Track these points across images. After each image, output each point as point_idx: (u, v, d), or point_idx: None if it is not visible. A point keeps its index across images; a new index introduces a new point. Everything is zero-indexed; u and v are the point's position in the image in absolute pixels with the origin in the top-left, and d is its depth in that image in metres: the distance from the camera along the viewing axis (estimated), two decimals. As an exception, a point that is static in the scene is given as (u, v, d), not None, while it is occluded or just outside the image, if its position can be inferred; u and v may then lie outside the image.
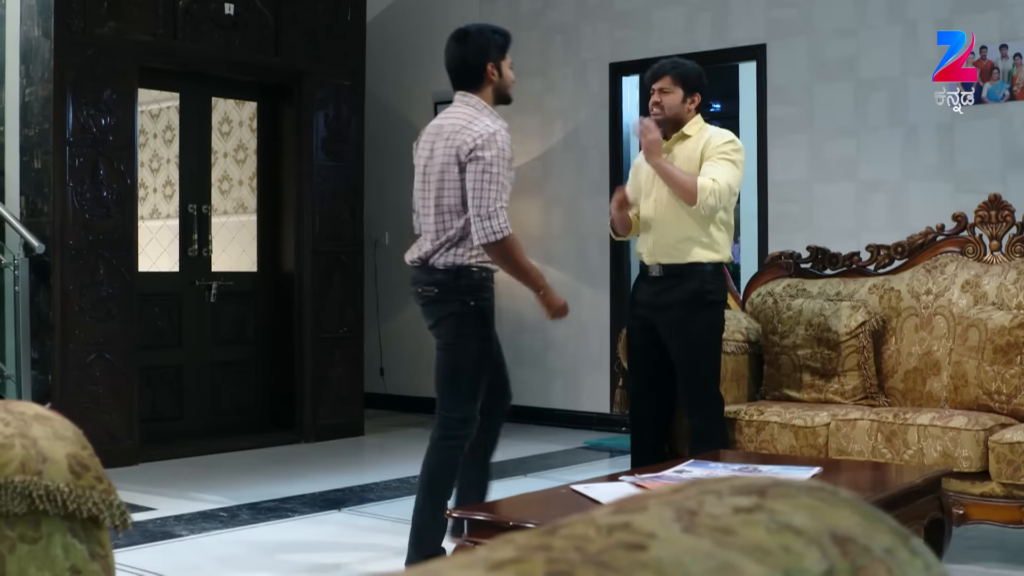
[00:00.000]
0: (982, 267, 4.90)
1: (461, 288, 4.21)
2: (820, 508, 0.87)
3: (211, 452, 7.26)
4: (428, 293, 4.26)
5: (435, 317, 4.29)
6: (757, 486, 0.89)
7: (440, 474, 4.30)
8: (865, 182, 7.05)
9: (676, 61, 4.88)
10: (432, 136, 4.32)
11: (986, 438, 4.20)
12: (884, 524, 0.89)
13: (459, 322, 4.23)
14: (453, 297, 4.22)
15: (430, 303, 4.28)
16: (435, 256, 4.22)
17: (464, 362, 4.28)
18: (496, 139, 4.13)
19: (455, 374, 4.29)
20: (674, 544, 0.77)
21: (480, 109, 4.27)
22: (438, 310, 4.26)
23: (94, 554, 1.64)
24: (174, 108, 7.72)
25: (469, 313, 4.23)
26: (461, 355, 4.27)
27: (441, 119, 4.34)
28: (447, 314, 4.24)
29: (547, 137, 8.55)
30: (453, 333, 4.25)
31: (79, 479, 1.64)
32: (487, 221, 4.05)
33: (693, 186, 4.53)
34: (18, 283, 6.55)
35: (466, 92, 4.33)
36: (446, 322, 4.25)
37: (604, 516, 0.82)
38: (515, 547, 0.76)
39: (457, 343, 4.26)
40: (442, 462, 4.30)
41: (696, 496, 0.87)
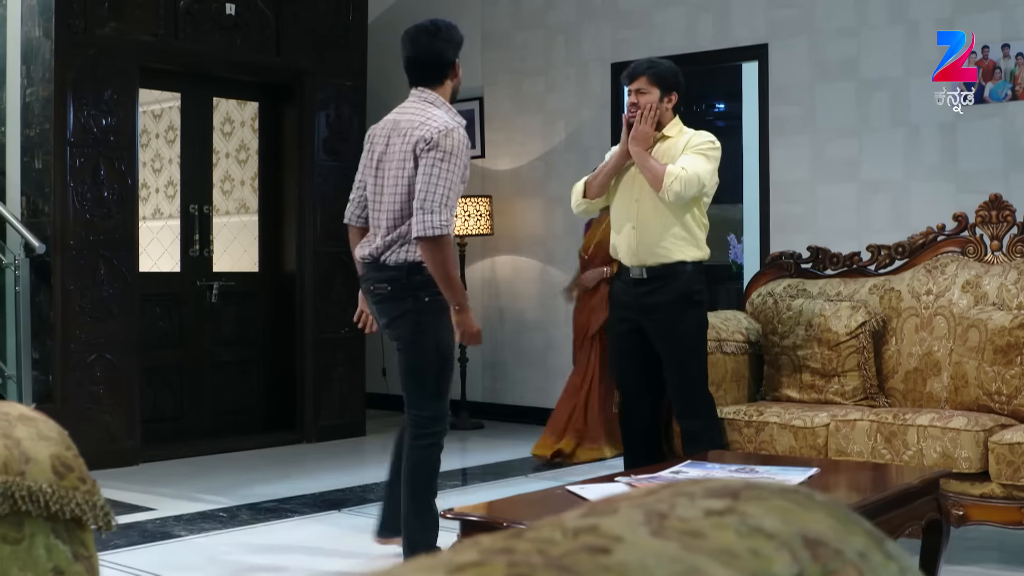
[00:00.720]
0: (983, 267, 4.88)
1: (415, 284, 4.18)
2: (793, 511, 0.86)
3: (212, 452, 7.26)
4: (381, 290, 4.22)
5: (389, 315, 4.25)
6: (730, 488, 0.88)
7: (421, 476, 4.26)
8: (867, 182, 7.03)
9: (651, 61, 4.87)
10: (388, 131, 4.27)
11: (986, 439, 4.19)
12: (859, 527, 0.88)
13: (416, 319, 4.19)
14: (407, 294, 4.18)
15: (383, 301, 4.24)
16: (387, 253, 4.19)
17: (427, 358, 4.23)
18: (454, 136, 4.09)
19: (419, 372, 4.24)
20: (640, 547, 0.77)
21: (440, 105, 4.23)
22: (392, 308, 4.22)
23: (77, 555, 1.64)
24: (176, 108, 7.72)
25: (424, 308, 4.19)
26: (423, 351, 4.22)
27: (397, 114, 4.29)
28: (402, 312, 4.20)
29: (549, 137, 8.54)
30: (411, 330, 4.20)
31: (62, 480, 1.63)
32: (429, 215, 4.01)
33: (661, 171, 4.56)
34: (19, 283, 6.55)
35: (425, 88, 4.28)
36: (402, 320, 4.21)
37: (573, 519, 0.81)
38: (479, 550, 0.76)
39: (416, 341, 4.21)
40: (421, 463, 4.26)
41: (669, 498, 0.87)
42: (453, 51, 4.33)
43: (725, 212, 10.57)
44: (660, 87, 4.73)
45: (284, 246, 8.02)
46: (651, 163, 4.62)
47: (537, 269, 8.66)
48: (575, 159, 8.34)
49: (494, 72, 8.86)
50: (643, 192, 4.70)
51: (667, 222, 4.65)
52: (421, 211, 4.02)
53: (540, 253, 8.65)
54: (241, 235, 7.98)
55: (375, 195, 4.29)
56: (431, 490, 4.28)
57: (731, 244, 11.00)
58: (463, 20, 9.06)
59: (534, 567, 0.72)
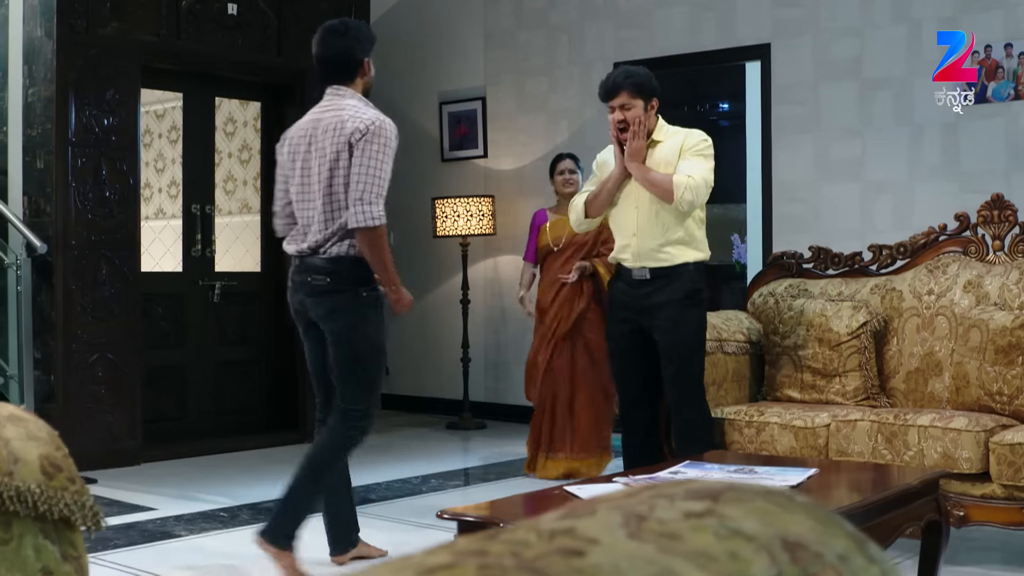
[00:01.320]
0: (984, 267, 4.87)
1: (352, 278, 4.21)
2: (774, 513, 0.86)
3: (214, 452, 7.26)
4: (319, 283, 4.23)
5: (327, 308, 4.25)
6: (711, 490, 0.88)
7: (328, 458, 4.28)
8: (870, 182, 7.01)
9: (626, 72, 4.82)
10: (309, 131, 4.30)
11: (987, 439, 4.17)
12: (841, 530, 0.87)
13: (353, 312, 4.22)
14: (346, 287, 4.21)
15: (321, 293, 4.25)
16: (326, 245, 4.21)
17: (361, 352, 4.25)
18: (386, 128, 4.16)
19: (353, 365, 4.26)
20: (615, 550, 0.76)
21: (358, 100, 4.28)
22: (330, 301, 4.24)
23: (66, 555, 1.63)
24: (178, 108, 7.72)
25: (362, 302, 4.22)
26: (358, 345, 4.24)
27: (317, 113, 4.32)
28: (339, 305, 4.22)
29: (552, 137, 8.53)
30: (348, 324, 4.22)
31: (51, 480, 1.63)
32: (364, 206, 4.07)
33: (669, 183, 4.57)
34: (21, 283, 6.55)
35: (340, 86, 4.32)
36: (339, 314, 4.23)
37: (550, 521, 0.80)
38: (452, 552, 0.75)
39: (352, 334, 4.23)
40: (336, 446, 4.28)
41: (649, 500, 0.86)
42: (362, 49, 4.35)
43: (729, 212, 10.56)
44: (642, 96, 4.71)
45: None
46: (656, 178, 4.62)
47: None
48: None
49: (497, 72, 8.86)
50: (642, 199, 4.71)
51: (668, 227, 4.68)
52: (360, 202, 4.08)
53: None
54: (243, 235, 7.98)
55: (304, 194, 4.30)
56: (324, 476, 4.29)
57: (735, 244, 10.98)
58: (466, 20, 9.09)
59: (506, 569, 0.72)
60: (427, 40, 9.27)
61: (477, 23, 8.99)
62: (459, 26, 9.11)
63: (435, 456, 7.26)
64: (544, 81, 8.60)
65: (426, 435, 8.24)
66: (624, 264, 4.80)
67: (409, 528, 5.21)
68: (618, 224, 4.85)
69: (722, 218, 10.38)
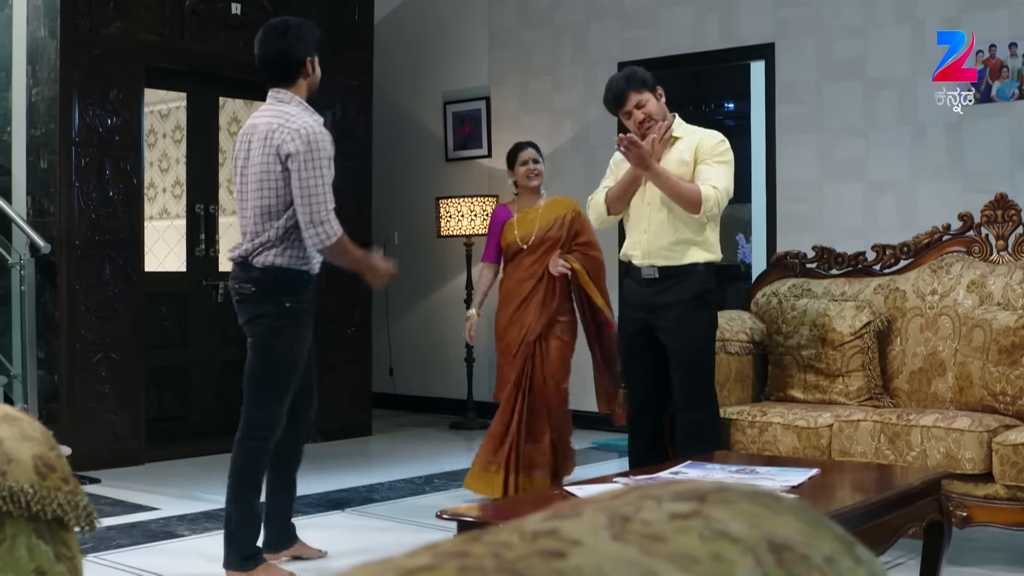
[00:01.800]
0: (988, 267, 4.85)
1: (278, 289, 4.22)
2: (761, 515, 0.85)
3: (218, 452, 7.22)
4: (245, 291, 4.25)
5: (249, 315, 4.27)
6: (698, 492, 0.87)
7: (244, 474, 4.32)
8: (874, 182, 7.00)
9: (625, 74, 4.81)
10: (247, 136, 4.29)
11: (990, 439, 4.16)
12: (829, 531, 0.87)
13: (273, 323, 4.22)
14: (269, 297, 4.22)
15: (246, 301, 4.27)
16: (253, 255, 4.21)
17: (275, 362, 4.27)
18: (315, 137, 4.10)
19: (264, 374, 4.28)
20: (597, 552, 0.75)
21: (295, 105, 4.22)
22: (253, 309, 4.25)
23: (60, 555, 1.63)
24: (183, 108, 7.72)
25: (284, 314, 4.23)
26: (273, 355, 4.26)
27: (256, 118, 4.30)
28: (261, 313, 4.23)
29: (556, 136, 8.52)
30: (266, 333, 4.23)
31: (45, 480, 1.62)
32: (319, 227, 4.08)
33: (696, 195, 4.54)
34: (24, 283, 6.56)
35: (280, 88, 4.27)
36: (260, 321, 4.24)
37: (535, 522, 0.80)
38: (433, 554, 0.75)
39: (269, 343, 4.24)
40: (245, 461, 4.32)
41: (635, 501, 0.86)
42: (304, 49, 4.28)
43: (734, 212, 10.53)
44: (650, 89, 4.73)
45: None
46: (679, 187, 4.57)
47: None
48: (582, 159, 8.32)
49: (501, 72, 8.85)
50: (655, 198, 4.69)
51: (679, 226, 4.65)
52: (311, 225, 4.08)
53: (547, 253, 8.63)
54: (247, 235, 7.97)
55: (240, 200, 4.32)
56: (255, 491, 4.34)
57: (740, 244, 10.96)
58: (470, 19, 9.08)
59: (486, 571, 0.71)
60: (431, 40, 9.26)
61: (482, 23, 8.99)
62: (464, 26, 9.10)
63: (439, 456, 7.26)
64: (548, 81, 8.59)
65: (430, 435, 8.24)
66: (634, 262, 4.78)
67: (412, 528, 5.20)
68: (630, 221, 4.83)
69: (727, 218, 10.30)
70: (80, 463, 6.44)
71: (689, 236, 4.65)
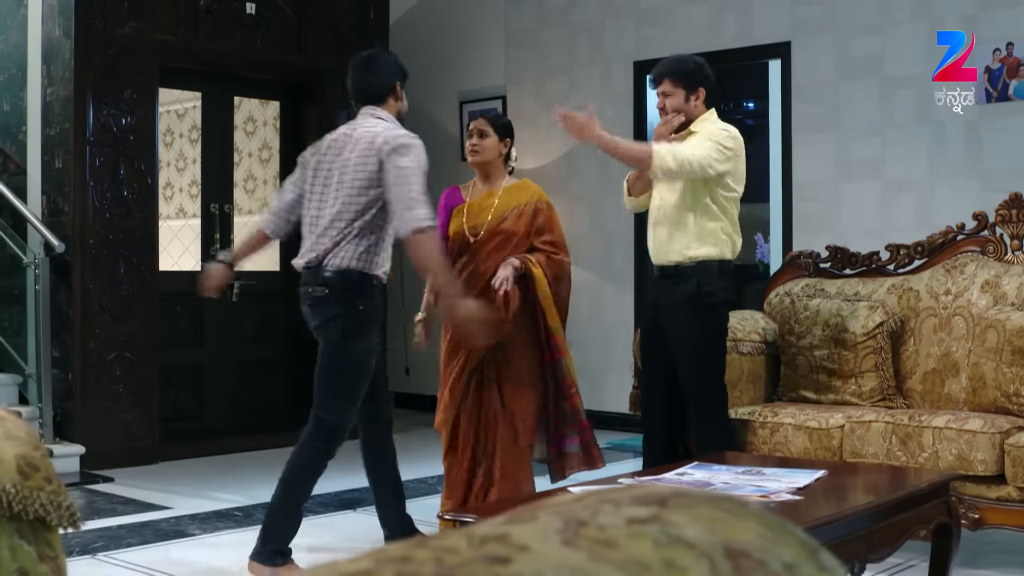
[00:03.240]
0: (1002, 267, 4.80)
1: (352, 292, 4.25)
2: (722, 520, 0.83)
3: (232, 451, 7.27)
4: (318, 294, 4.28)
5: (323, 318, 4.30)
6: (658, 496, 0.86)
7: (301, 473, 4.37)
8: (891, 181, 6.95)
9: (675, 60, 4.78)
10: (340, 143, 4.37)
11: (1002, 441, 4.12)
12: (792, 537, 0.85)
13: (346, 324, 4.26)
14: (343, 299, 4.25)
15: (318, 304, 4.30)
16: (328, 258, 4.25)
17: (347, 365, 4.30)
18: (416, 146, 4.24)
19: (337, 376, 4.31)
20: (543, 558, 0.74)
21: (391, 120, 4.39)
22: (327, 311, 4.28)
23: (43, 556, 1.62)
24: (199, 108, 7.73)
25: (357, 316, 4.27)
26: (346, 358, 4.30)
27: (349, 129, 4.40)
28: (335, 315, 4.26)
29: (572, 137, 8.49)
30: (339, 335, 4.27)
31: (27, 480, 1.61)
32: (409, 211, 4.11)
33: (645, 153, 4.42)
34: (39, 282, 6.58)
35: (373, 107, 4.42)
36: (333, 324, 4.27)
37: (487, 526, 0.79)
38: (375, 559, 0.74)
39: (342, 345, 4.28)
40: (306, 461, 4.38)
41: (594, 505, 0.84)
42: (388, 80, 4.47)
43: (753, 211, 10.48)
44: (685, 87, 4.66)
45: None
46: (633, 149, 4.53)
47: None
48: (598, 158, 8.27)
49: (518, 71, 8.84)
50: (665, 190, 4.65)
51: (684, 221, 4.56)
52: (406, 210, 4.11)
53: (562, 252, 8.61)
54: (262, 234, 7.98)
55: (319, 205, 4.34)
56: (307, 492, 4.42)
57: (758, 243, 10.91)
58: (486, 19, 9.07)
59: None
60: (448, 39, 9.25)
61: (498, 22, 8.98)
62: (480, 25, 9.09)
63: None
64: (564, 80, 8.57)
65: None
66: (651, 258, 4.77)
67: (422, 528, 5.18)
68: (650, 213, 4.80)
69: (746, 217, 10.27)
70: (93, 462, 6.48)
71: (694, 233, 4.55)
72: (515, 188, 4.82)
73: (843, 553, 2.80)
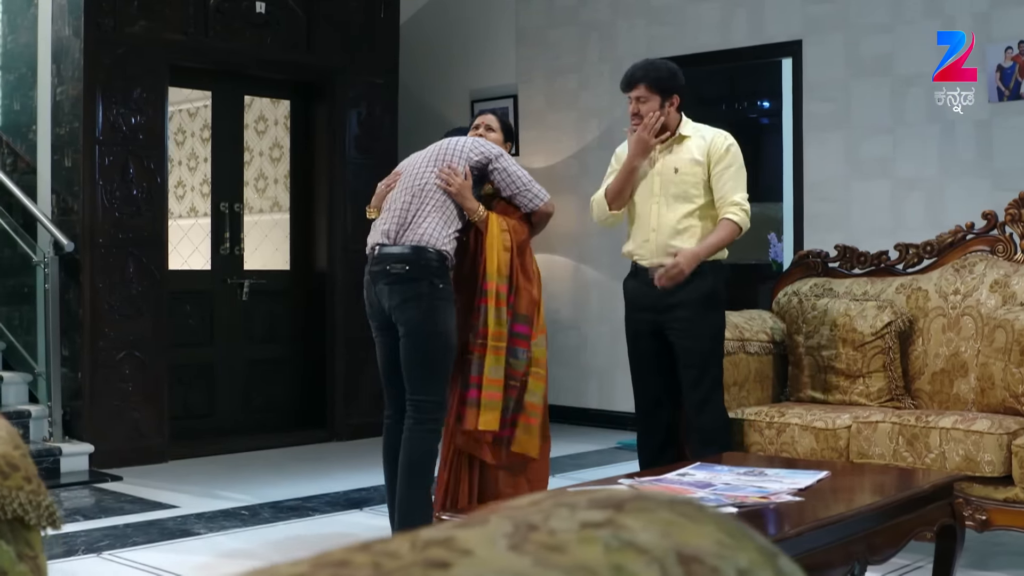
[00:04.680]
0: (1012, 266, 4.76)
1: (432, 269, 4.26)
2: (679, 524, 0.82)
3: (242, 450, 7.27)
4: (397, 270, 4.27)
5: (401, 296, 4.27)
6: (616, 500, 0.85)
7: (420, 459, 4.30)
8: (902, 180, 6.91)
9: (648, 65, 4.70)
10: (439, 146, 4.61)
11: (1009, 442, 4.08)
12: (751, 542, 0.84)
13: (429, 304, 4.25)
14: (423, 277, 4.25)
15: (399, 281, 4.28)
16: (406, 234, 4.30)
17: (436, 345, 4.27)
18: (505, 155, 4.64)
19: (427, 357, 4.27)
20: (484, 563, 0.73)
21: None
22: (407, 289, 4.26)
23: (22, 555, 1.61)
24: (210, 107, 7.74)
25: (438, 296, 4.27)
26: (432, 338, 4.26)
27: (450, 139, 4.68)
28: (417, 294, 4.25)
29: (582, 135, 8.49)
30: (422, 315, 4.25)
31: (7, 479, 1.61)
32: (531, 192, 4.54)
33: (732, 232, 4.50)
34: (48, 281, 6.59)
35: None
36: (413, 303, 4.25)
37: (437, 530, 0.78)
38: (313, 563, 0.72)
39: (427, 325, 4.25)
40: (422, 448, 4.30)
41: (549, 509, 0.83)
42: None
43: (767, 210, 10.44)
44: (660, 93, 4.58)
45: (316, 244, 8.02)
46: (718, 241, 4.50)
47: (570, 267, 8.62)
48: (608, 157, 8.22)
49: (528, 70, 8.82)
50: (662, 195, 4.62)
51: (686, 225, 4.56)
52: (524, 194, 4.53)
53: (573, 251, 8.60)
54: (273, 233, 7.99)
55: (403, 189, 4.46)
56: (431, 477, 4.35)
57: (771, 243, 10.87)
58: (497, 18, 9.05)
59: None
60: (458, 38, 9.24)
61: (509, 21, 8.96)
62: (491, 24, 9.08)
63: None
64: (575, 79, 8.55)
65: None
66: (640, 263, 4.71)
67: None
68: (636, 219, 4.74)
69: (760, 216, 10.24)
70: (103, 461, 6.49)
71: (696, 236, 4.55)
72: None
73: (843, 554, 2.78)
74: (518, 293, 4.55)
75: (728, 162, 4.55)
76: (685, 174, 4.58)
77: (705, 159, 4.56)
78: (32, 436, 6.54)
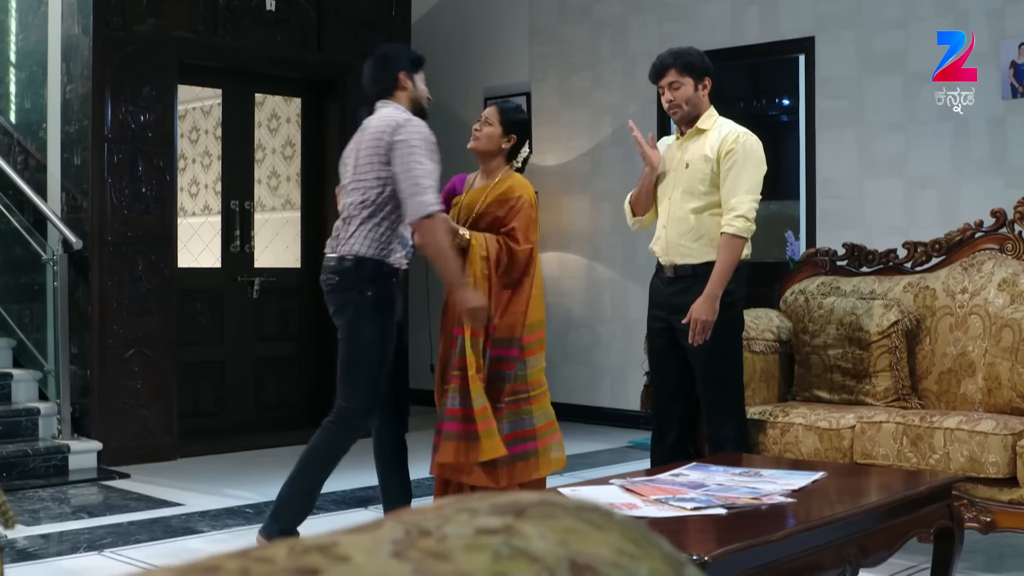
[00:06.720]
0: (1020, 265, 4.70)
1: (359, 278, 4.30)
2: (580, 532, 0.80)
3: (251, 448, 7.27)
4: (330, 281, 4.38)
5: (334, 305, 4.40)
6: (519, 505, 0.82)
7: (315, 456, 4.39)
8: (914, 177, 6.86)
9: (675, 50, 4.65)
10: (357, 138, 4.45)
11: (1014, 443, 4.03)
12: (657, 551, 0.81)
13: (355, 312, 4.31)
14: (350, 286, 4.31)
15: (330, 292, 4.39)
16: (337, 246, 4.35)
17: (358, 353, 4.34)
18: (413, 123, 4.28)
19: (350, 365, 4.36)
20: (358, 571, 0.71)
21: (397, 108, 4.41)
22: (337, 298, 4.37)
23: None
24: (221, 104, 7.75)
25: (365, 303, 4.30)
26: (356, 346, 4.34)
27: (366, 123, 4.46)
28: (344, 303, 4.34)
29: (595, 132, 8.45)
30: (349, 323, 4.34)
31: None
32: (415, 198, 4.14)
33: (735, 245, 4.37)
34: (57, 279, 6.61)
35: (384, 100, 4.47)
36: (342, 311, 4.35)
37: (324, 535, 0.76)
38: (179, 569, 0.70)
39: (353, 334, 4.34)
40: (321, 444, 4.39)
41: (449, 514, 0.81)
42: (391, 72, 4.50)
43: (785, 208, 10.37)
44: (692, 75, 4.55)
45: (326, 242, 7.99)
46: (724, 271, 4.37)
47: (583, 266, 8.58)
48: (622, 154, 8.24)
49: (541, 67, 8.80)
50: (674, 192, 4.57)
51: (696, 223, 4.50)
52: (410, 197, 4.15)
53: (587, 249, 8.57)
54: (283, 231, 7.99)
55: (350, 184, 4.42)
56: (320, 477, 4.41)
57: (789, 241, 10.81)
58: (510, 15, 9.03)
59: (215, 593, 0.67)
60: (471, 35, 9.23)
61: (522, 18, 8.94)
62: (503, 21, 9.06)
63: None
64: (588, 76, 8.52)
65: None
66: (659, 259, 4.67)
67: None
68: (658, 215, 4.72)
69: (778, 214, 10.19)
70: (111, 458, 6.50)
71: (705, 235, 4.47)
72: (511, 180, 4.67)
73: (834, 557, 2.74)
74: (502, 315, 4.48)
75: (733, 159, 4.44)
76: (694, 170, 4.53)
77: (715, 155, 4.49)
78: (41, 433, 6.57)
